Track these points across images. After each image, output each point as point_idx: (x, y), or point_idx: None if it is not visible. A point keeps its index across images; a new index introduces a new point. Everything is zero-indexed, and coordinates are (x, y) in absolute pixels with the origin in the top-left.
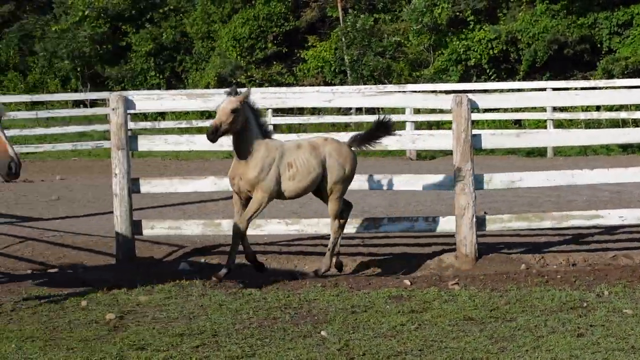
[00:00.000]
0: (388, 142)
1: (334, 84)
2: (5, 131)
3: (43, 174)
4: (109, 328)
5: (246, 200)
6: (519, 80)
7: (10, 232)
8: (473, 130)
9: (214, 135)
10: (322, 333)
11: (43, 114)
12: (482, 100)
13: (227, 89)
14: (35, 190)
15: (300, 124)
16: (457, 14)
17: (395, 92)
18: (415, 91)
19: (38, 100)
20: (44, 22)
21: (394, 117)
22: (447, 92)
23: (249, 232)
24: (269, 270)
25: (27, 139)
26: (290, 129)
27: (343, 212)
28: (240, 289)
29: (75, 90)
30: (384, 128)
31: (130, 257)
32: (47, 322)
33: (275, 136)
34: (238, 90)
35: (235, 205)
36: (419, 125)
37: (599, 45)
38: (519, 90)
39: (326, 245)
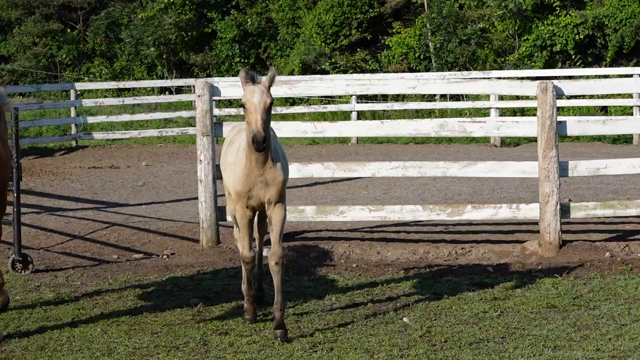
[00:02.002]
0: (473, 129)
1: (419, 71)
2: (92, 118)
3: (129, 160)
4: (193, 313)
5: (253, 217)
6: (605, 66)
7: (97, 218)
8: (558, 117)
9: (266, 143)
10: (404, 319)
11: (129, 100)
12: (568, 87)
13: (244, 75)
14: (121, 176)
15: (383, 110)
16: None
17: (480, 78)
18: (500, 78)
19: (124, 87)
20: (131, 9)
21: (479, 104)
22: (532, 78)
23: (331, 217)
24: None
25: (113, 125)
26: (374, 115)
27: None
28: (323, 275)
29: (161, 77)
30: None
31: (215, 243)
32: (132, 307)
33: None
34: (254, 74)
35: (242, 231)
36: (503, 112)
37: None
38: (605, 76)
39: (409, 233)
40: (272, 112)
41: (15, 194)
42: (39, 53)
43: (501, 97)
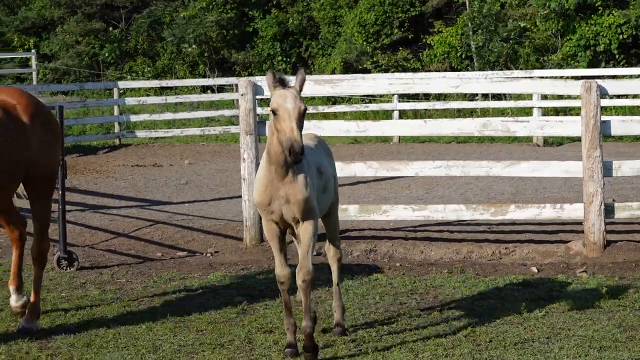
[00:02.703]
0: (516, 129)
1: (460, 70)
2: (135, 116)
3: (172, 158)
4: (238, 311)
5: (282, 232)
6: None
7: (140, 216)
8: (602, 117)
9: (303, 154)
10: (449, 319)
11: (172, 99)
12: (612, 86)
13: (271, 78)
14: (164, 175)
15: (425, 109)
16: None
17: (522, 78)
18: (542, 77)
19: (167, 86)
20: (173, 8)
21: (521, 103)
22: (575, 77)
23: (374, 216)
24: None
25: (156, 123)
26: (415, 114)
27: None
28: (367, 274)
29: (203, 76)
30: None
31: (258, 241)
32: (176, 304)
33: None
34: (283, 76)
35: (271, 245)
36: (545, 112)
37: None
38: None
39: (453, 232)
40: (314, 111)
41: (60, 192)
42: (81, 52)
43: (544, 97)
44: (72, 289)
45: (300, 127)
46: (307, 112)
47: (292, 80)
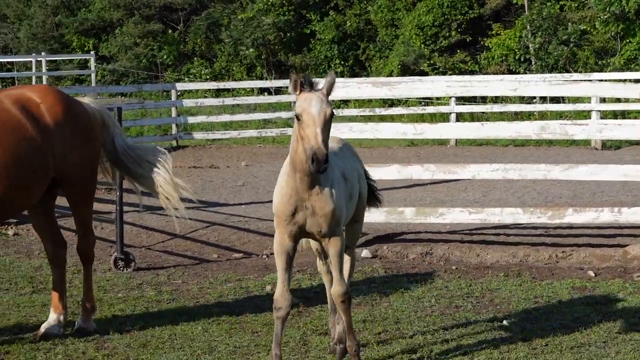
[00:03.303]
0: (574, 132)
1: (518, 73)
2: (192, 118)
3: (229, 160)
4: (293, 313)
5: (293, 249)
6: None
7: (197, 217)
8: None
9: (327, 163)
10: (505, 322)
11: (229, 101)
12: None
13: (295, 80)
14: (220, 176)
15: (482, 112)
16: None
17: (581, 80)
18: (601, 80)
19: (224, 88)
20: (231, 10)
21: (580, 106)
22: (635, 81)
23: (431, 219)
24: None
25: (213, 125)
26: (472, 117)
27: None
28: (423, 277)
29: (260, 78)
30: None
31: None
32: (232, 306)
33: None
34: (310, 78)
35: (277, 262)
36: (604, 115)
37: None
38: None
39: (509, 235)
40: (371, 113)
41: (117, 193)
42: (140, 53)
43: (602, 100)
44: (128, 290)
45: (326, 133)
46: (364, 114)
47: (320, 82)
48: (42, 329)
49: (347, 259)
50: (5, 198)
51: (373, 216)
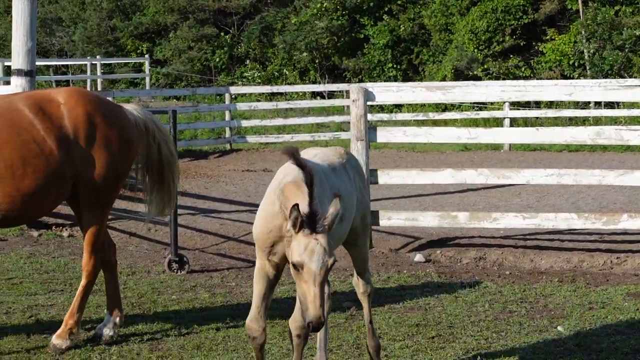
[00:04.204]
0: (630, 137)
1: (572, 78)
2: (245, 121)
3: (282, 163)
4: (346, 316)
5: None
6: None
7: (251, 220)
8: None
9: (324, 323)
10: (559, 328)
11: (282, 105)
12: None
13: (297, 216)
14: None
15: (536, 117)
16: None
17: (637, 86)
18: None
19: (277, 92)
20: (284, 14)
21: (635, 112)
22: None
23: (484, 224)
24: None
25: (266, 129)
26: (526, 122)
27: None
28: (476, 281)
29: (314, 82)
30: None
31: (368, 247)
32: (285, 309)
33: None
34: (315, 216)
35: (255, 287)
36: None
37: None
38: None
39: (563, 241)
40: (425, 118)
41: None
42: (193, 57)
43: None
44: (182, 292)
45: (324, 282)
46: (417, 119)
47: (322, 213)
48: (97, 330)
49: (364, 289)
50: (14, 201)
51: (426, 220)
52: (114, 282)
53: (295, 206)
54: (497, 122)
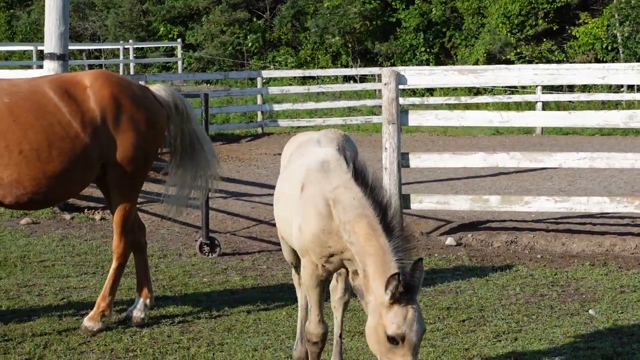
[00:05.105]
0: None
1: (605, 62)
2: (277, 105)
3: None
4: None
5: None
6: None
7: None
8: None
9: None
10: (590, 312)
11: (314, 88)
12: None
13: (397, 285)
14: None
15: (569, 101)
16: None
17: None
18: None
19: (309, 76)
20: None
21: None
22: None
23: (516, 207)
24: None
25: (298, 113)
26: (558, 106)
27: None
28: (507, 265)
29: (345, 66)
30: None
31: None
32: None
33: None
34: (414, 282)
35: (311, 294)
36: None
37: None
38: None
39: (595, 225)
40: (457, 101)
41: None
42: (225, 41)
43: None
44: (213, 275)
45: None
46: (449, 102)
47: (411, 278)
48: (128, 312)
49: (342, 295)
50: (40, 184)
51: (458, 204)
52: (144, 263)
53: (396, 276)
54: (530, 106)
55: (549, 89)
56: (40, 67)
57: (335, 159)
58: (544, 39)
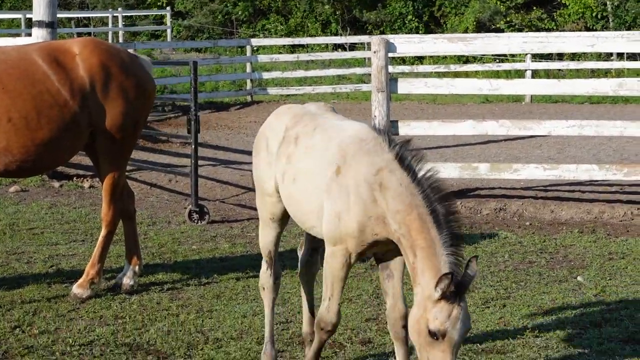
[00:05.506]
0: None
1: (595, 30)
2: (267, 73)
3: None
4: (366, 266)
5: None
6: None
7: None
8: None
9: None
10: (579, 278)
11: (304, 57)
12: None
13: (449, 283)
14: None
15: (558, 69)
16: None
17: None
18: None
19: (299, 44)
20: None
21: None
22: None
23: (505, 175)
24: None
25: (287, 81)
26: (548, 74)
27: None
28: (496, 232)
29: (335, 34)
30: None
31: None
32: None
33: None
34: (467, 281)
35: (336, 286)
36: None
37: None
38: None
39: (584, 192)
40: (446, 69)
41: (192, 147)
42: (215, 9)
43: None
44: (202, 242)
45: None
46: (439, 70)
47: (463, 276)
48: (117, 279)
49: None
50: (29, 151)
51: (447, 171)
52: (132, 231)
53: (449, 276)
54: (519, 74)
55: (539, 57)
56: (29, 35)
57: (373, 137)
58: (534, 7)
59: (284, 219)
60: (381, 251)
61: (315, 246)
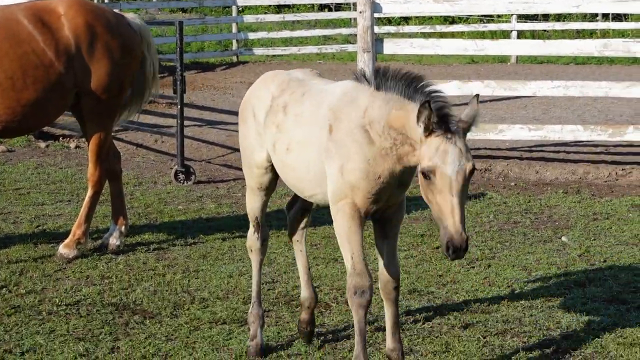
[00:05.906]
0: (637, 49)
1: None
2: (252, 34)
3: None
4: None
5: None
6: None
7: None
8: None
9: (467, 250)
10: (563, 239)
11: (289, 17)
12: None
13: (429, 115)
14: None
15: (544, 30)
16: None
17: None
18: None
19: (285, 4)
20: None
21: None
22: None
23: (490, 135)
24: None
25: (273, 41)
26: (533, 35)
27: None
28: (481, 193)
29: None
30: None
31: None
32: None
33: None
34: (448, 110)
35: (355, 243)
36: None
37: None
38: None
39: (569, 153)
40: (432, 30)
41: (178, 107)
42: None
43: None
44: (189, 202)
45: (464, 197)
46: (424, 31)
47: (456, 112)
48: (104, 239)
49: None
50: (15, 112)
51: None
52: (119, 191)
53: (426, 104)
54: (504, 35)
55: (524, 17)
56: None
57: (354, 86)
58: None
59: (272, 187)
60: (382, 208)
61: (307, 206)
